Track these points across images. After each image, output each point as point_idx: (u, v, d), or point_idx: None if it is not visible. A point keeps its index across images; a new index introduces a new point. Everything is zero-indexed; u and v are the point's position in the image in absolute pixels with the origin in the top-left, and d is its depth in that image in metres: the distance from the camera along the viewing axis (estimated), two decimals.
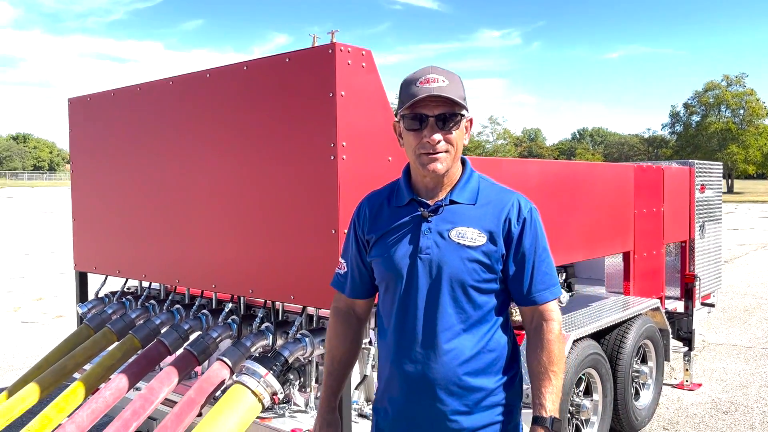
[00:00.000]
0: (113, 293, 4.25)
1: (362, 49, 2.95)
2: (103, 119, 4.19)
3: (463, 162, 1.99)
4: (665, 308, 5.67)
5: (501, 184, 2.01)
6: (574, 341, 3.90)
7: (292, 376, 3.23)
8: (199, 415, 3.00)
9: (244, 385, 2.87)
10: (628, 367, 4.46)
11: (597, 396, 4.22)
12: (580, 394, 4.10)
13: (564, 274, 4.78)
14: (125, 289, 4.32)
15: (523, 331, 1.99)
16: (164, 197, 3.76)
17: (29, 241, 18.96)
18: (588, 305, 4.69)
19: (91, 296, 4.41)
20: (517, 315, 2.10)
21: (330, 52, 2.85)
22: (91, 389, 3.40)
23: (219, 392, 3.15)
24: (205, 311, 3.63)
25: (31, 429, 3.15)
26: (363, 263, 2.05)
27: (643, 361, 4.92)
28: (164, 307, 3.88)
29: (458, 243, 1.87)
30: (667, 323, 5.08)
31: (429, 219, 1.91)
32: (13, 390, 3.66)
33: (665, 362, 5.08)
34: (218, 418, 2.76)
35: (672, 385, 5.77)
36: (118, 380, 3.28)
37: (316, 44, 3.02)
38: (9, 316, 9.18)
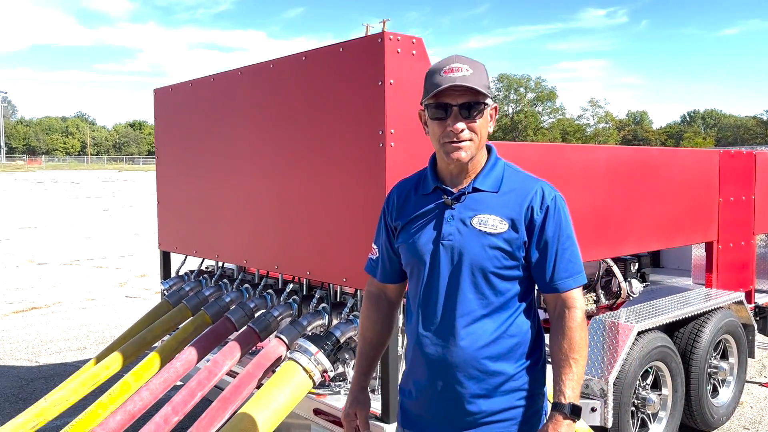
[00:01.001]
0: (192, 272, 4.54)
1: (413, 37, 2.98)
2: (182, 109, 4.46)
3: (489, 149, 2.00)
4: (754, 302, 5.34)
5: (527, 172, 2.01)
6: (639, 333, 3.79)
7: (347, 355, 3.34)
8: (259, 387, 3.18)
9: (296, 361, 3.02)
10: (704, 362, 4.27)
11: (666, 390, 4.07)
12: (647, 387, 3.98)
13: (636, 264, 4.62)
14: (203, 268, 4.60)
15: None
16: (234, 183, 3.96)
17: (140, 222, 20.36)
18: (662, 297, 4.52)
19: (173, 274, 4.73)
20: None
21: (379, 41, 2.91)
22: (166, 360, 3.68)
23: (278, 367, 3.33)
24: (270, 291, 3.82)
25: (112, 393, 3.46)
26: (392, 249, 2.12)
27: (724, 356, 4.68)
28: (234, 286, 4.11)
29: (480, 230, 1.90)
30: (752, 318, 4.80)
31: (452, 206, 1.94)
32: (100, 357, 4.02)
33: (749, 359, 4.81)
34: (270, 392, 2.92)
35: (760, 384, 5.45)
36: (189, 352, 3.53)
37: (369, 33, 3.07)
38: (115, 291, 9.96)
